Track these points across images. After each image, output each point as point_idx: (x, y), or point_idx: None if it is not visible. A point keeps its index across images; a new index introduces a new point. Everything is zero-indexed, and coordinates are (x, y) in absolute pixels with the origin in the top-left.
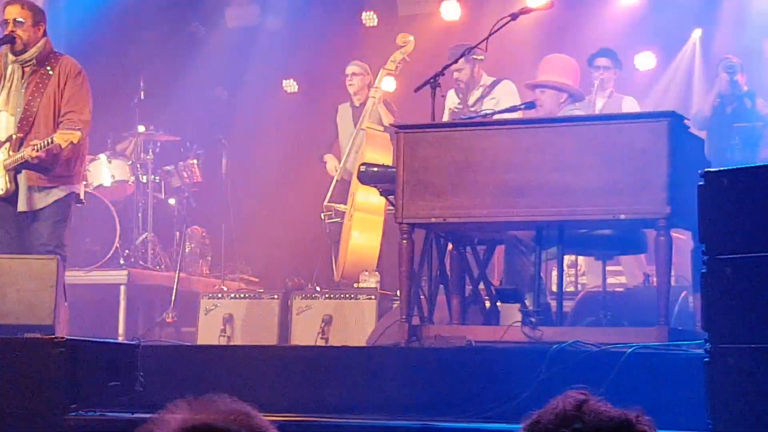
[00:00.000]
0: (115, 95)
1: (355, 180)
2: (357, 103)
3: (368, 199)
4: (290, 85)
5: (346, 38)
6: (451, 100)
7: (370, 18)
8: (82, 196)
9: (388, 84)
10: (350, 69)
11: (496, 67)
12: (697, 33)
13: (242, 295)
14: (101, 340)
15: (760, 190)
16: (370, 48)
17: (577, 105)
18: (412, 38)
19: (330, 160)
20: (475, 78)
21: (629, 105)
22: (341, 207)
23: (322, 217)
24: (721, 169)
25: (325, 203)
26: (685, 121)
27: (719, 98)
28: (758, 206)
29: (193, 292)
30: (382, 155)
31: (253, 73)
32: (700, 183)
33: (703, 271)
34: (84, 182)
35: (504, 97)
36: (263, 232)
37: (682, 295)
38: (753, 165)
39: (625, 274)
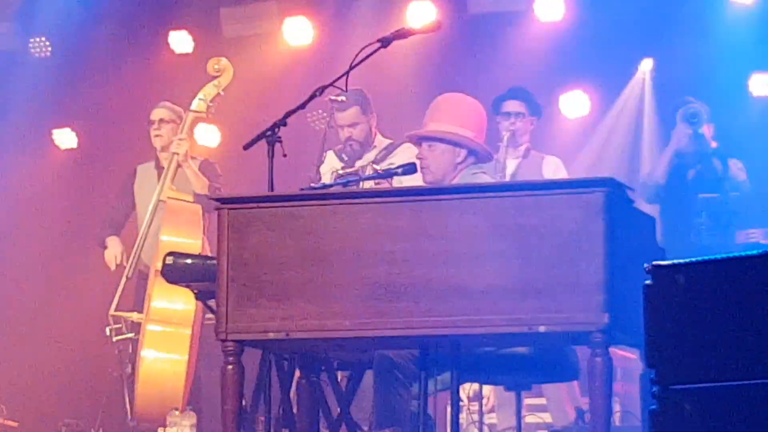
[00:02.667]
0: None
1: (154, 278)
2: (165, 163)
3: (170, 303)
4: (65, 138)
5: (149, 70)
6: (332, 163)
7: (181, 41)
8: None
9: (204, 134)
10: (156, 114)
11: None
12: (647, 65)
13: None
14: None
15: (731, 291)
16: (185, 84)
17: (484, 167)
18: (227, 63)
19: (112, 246)
20: (371, 137)
21: (551, 168)
22: (135, 316)
23: (108, 333)
24: (676, 262)
25: (112, 312)
26: (629, 192)
27: (678, 158)
28: (729, 314)
29: None
30: (191, 238)
31: (7, 118)
32: (647, 282)
33: (653, 407)
34: None
35: None
36: (23, 354)
37: None
38: (721, 257)
39: (550, 409)
